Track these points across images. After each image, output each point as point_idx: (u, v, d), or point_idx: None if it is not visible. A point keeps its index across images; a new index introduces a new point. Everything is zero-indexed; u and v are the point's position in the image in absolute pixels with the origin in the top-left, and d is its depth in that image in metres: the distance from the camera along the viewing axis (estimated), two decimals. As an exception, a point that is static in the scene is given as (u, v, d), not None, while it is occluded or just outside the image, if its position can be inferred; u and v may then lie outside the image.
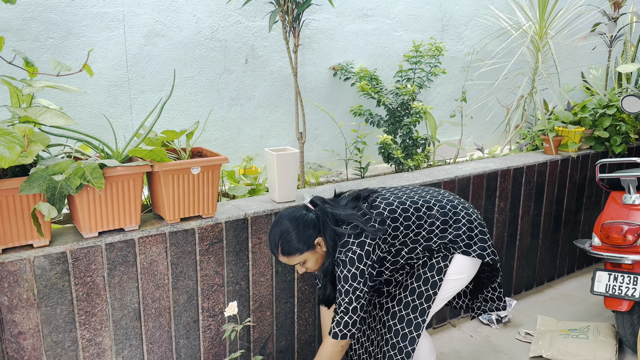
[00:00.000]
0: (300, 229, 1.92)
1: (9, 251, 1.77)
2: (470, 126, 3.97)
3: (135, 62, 2.68)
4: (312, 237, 1.93)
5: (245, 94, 3.07)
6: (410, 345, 2.02)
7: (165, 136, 2.17)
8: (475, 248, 2.05)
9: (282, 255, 1.95)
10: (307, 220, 1.94)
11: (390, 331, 2.07)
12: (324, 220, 1.95)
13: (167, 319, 2.10)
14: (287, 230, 1.92)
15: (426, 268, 2.07)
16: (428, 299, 2.04)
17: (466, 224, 2.07)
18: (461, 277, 2.08)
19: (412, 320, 2.03)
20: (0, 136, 1.62)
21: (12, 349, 1.80)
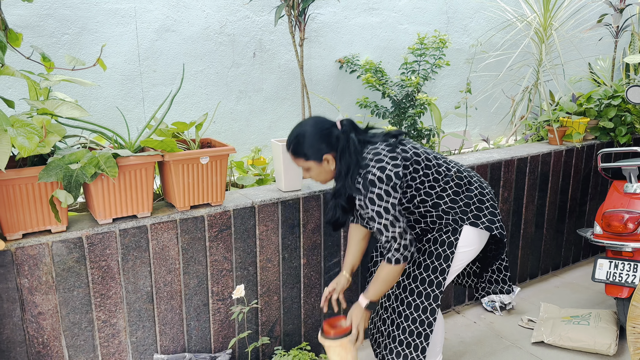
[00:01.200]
0: (315, 138, 1.96)
1: (28, 236, 1.88)
2: (475, 117, 4.01)
3: (147, 56, 2.77)
4: (322, 151, 1.97)
5: (253, 87, 3.15)
6: (431, 315, 2.05)
7: (176, 127, 2.26)
8: (484, 220, 2.07)
9: (290, 153, 2.03)
10: (327, 135, 1.98)
11: (409, 307, 2.09)
12: (345, 145, 1.97)
13: (179, 302, 2.20)
14: (303, 134, 1.97)
15: (437, 244, 2.09)
16: (443, 272, 2.06)
17: (478, 195, 2.09)
18: (469, 249, 2.10)
19: (430, 294, 2.06)
20: (20, 127, 1.72)
21: (33, 328, 1.91)
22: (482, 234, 2.11)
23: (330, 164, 1.99)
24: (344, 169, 1.96)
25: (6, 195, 1.79)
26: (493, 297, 3.13)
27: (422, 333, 2.07)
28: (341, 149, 1.97)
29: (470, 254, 2.13)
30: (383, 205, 1.89)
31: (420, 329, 2.07)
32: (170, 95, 2.13)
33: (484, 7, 3.96)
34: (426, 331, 2.06)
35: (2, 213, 1.80)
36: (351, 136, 1.98)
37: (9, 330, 1.86)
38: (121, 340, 2.09)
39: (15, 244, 1.83)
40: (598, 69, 4.38)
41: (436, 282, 2.07)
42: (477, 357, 2.68)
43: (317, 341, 2.62)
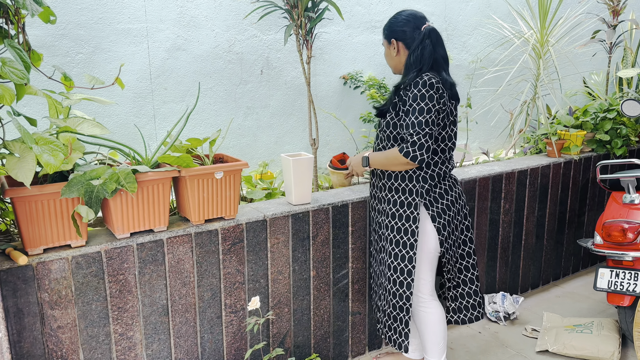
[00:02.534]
0: (399, 23, 2.20)
1: (49, 251, 1.92)
2: (475, 131, 4.10)
3: (159, 74, 2.84)
4: (393, 35, 2.22)
5: (261, 103, 3.22)
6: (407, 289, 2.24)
7: (190, 144, 2.32)
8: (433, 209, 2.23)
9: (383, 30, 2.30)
10: (407, 25, 2.19)
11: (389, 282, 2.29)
12: (418, 45, 2.16)
13: (193, 315, 2.24)
14: (397, 16, 2.23)
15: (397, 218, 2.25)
16: (412, 247, 2.21)
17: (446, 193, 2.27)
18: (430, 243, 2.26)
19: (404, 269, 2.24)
20: (44, 144, 1.77)
21: (52, 342, 1.95)
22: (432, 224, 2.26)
23: (396, 49, 2.23)
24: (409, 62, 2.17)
25: (29, 211, 1.83)
26: (497, 307, 3.18)
27: (403, 307, 2.26)
28: (415, 46, 2.16)
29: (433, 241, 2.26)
30: (424, 107, 2.07)
31: (401, 302, 2.26)
32: (186, 113, 2.20)
33: (482, 25, 4.07)
34: (406, 305, 2.25)
35: (24, 228, 1.85)
36: (427, 43, 2.16)
37: (28, 344, 1.90)
38: (137, 353, 2.13)
39: (37, 259, 1.87)
40: (592, 83, 4.49)
41: (407, 257, 2.23)
42: (484, 366, 2.73)
43: (326, 353, 2.67)
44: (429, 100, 2.07)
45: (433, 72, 2.13)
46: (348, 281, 2.66)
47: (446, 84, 2.15)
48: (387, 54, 2.30)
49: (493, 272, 3.31)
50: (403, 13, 2.23)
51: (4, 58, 1.67)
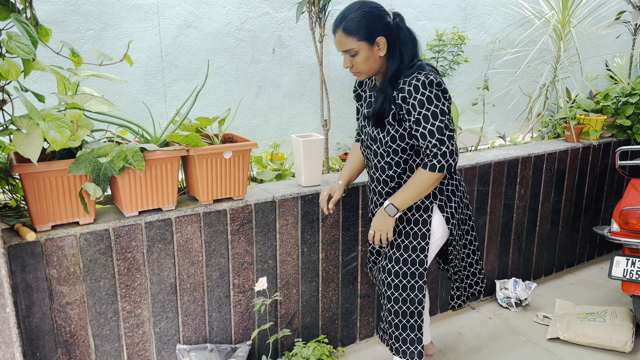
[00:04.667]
0: (372, 17, 1.86)
1: (57, 228, 1.92)
2: (492, 114, 4.02)
3: (169, 52, 2.81)
4: (376, 33, 1.87)
5: (272, 83, 3.18)
6: (420, 292, 2.09)
7: (199, 123, 2.30)
8: (447, 210, 2.09)
9: (341, 32, 1.89)
10: (382, 17, 1.88)
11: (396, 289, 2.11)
12: (398, 32, 1.90)
13: (201, 294, 2.24)
14: (359, 10, 1.87)
15: (412, 223, 2.09)
16: (422, 250, 2.08)
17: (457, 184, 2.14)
18: (438, 235, 2.12)
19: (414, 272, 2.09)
20: (51, 121, 1.76)
21: (61, 317, 1.96)
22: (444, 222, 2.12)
23: (381, 49, 1.90)
24: (398, 53, 1.89)
25: (37, 187, 1.83)
26: (508, 293, 3.15)
27: (414, 312, 2.12)
28: (396, 34, 1.89)
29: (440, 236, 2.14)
30: (441, 107, 1.86)
31: (412, 308, 2.12)
32: (195, 92, 2.17)
33: (501, 4, 3.95)
34: (417, 309, 2.12)
35: (32, 205, 1.85)
36: (406, 26, 1.93)
37: (38, 319, 1.91)
38: (145, 331, 2.14)
39: (45, 235, 1.88)
40: (615, 66, 4.36)
41: (418, 260, 2.09)
42: (493, 352, 2.70)
43: (334, 334, 2.66)
44: (438, 102, 1.85)
45: (422, 67, 1.91)
46: (357, 264, 2.64)
47: None
48: (365, 58, 1.91)
49: (506, 258, 3.26)
50: (368, 3, 1.91)
51: (11, 32, 1.65)
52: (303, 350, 2.25)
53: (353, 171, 2.33)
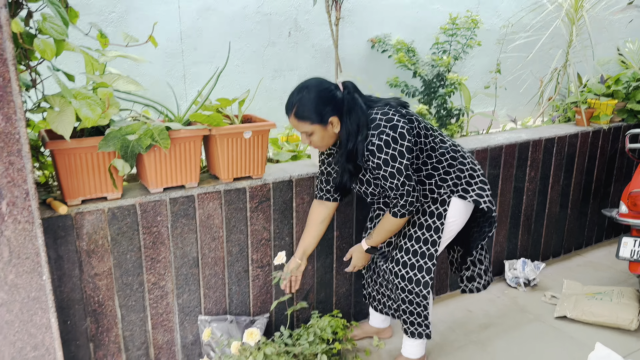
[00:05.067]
0: (321, 100, 1.94)
1: (87, 202, 2.01)
2: (503, 98, 4.06)
3: (189, 35, 2.87)
4: (328, 114, 1.95)
5: (288, 66, 3.24)
6: (424, 288, 2.18)
7: (219, 103, 2.37)
8: (472, 194, 2.14)
9: (293, 117, 1.99)
10: (331, 97, 1.95)
11: (402, 279, 2.20)
12: (352, 105, 1.96)
13: (222, 268, 2.33)
14: (307, 97, 1.94)
15: (427, 215, 2.17)
16: (434, 244, 2.16)
17: (469, 170, 2.17)
18: (457, 220, 2.18)
19: (422, 266, 2.17)
20: (82, 99, 1.84)
21: (90, 288, 2.06)
22: (468, 206, 2.19)
23: (335, 127, 1.99)
24: (354, 128, 1.96)
25: (68, 163, 1.92)
26: (517, 273, 3.22)
27: (420, 303, 2.22)
28: (347, 109, 1.96)
29: (457, 225, 2.22)
30: (396, 166, 1.94)
31: (418, 299, 2.21)
32: (216, 73, 2.24)
33: (514, -12, 3.97)
34: (423, 302, 2.21)
35: (64, 180, 1.93)
36: (356, 96, 1.99)
37: (68, 289, 2.01)
38: (169, 302, 2.24)
39: (75, 209, 1.97)
40: (627, 52, 4.37)
41: (428, 254, 2.17)
42: (502, 329, 2.78)
43: (347, 310, 2.75)
44: (399, 156, 1.93)
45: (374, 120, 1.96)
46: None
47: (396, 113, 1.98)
48: (320, 138, 2.01)
49: (515, 239, 3.33)
50: (317, 84, 1.99)
51: (45, 13, 1.72)
52: (319, 321, 2.34)
53: (311, 241, 2.32)
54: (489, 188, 2.22)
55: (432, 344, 2.64)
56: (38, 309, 1.74)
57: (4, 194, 1.60)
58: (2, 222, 1.62)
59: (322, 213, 2.30)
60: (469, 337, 2.71)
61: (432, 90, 3.23)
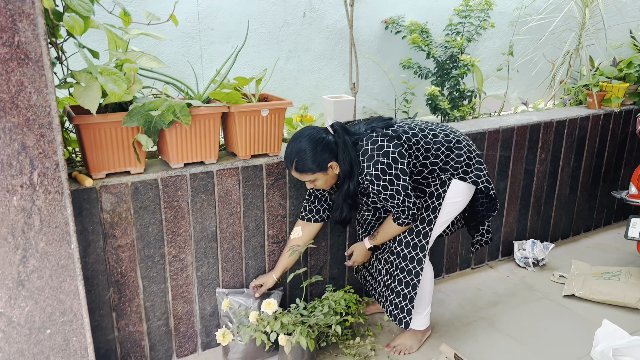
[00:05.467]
0: (317, 151, 2.05)
1: (111, 176, 2.08)
2: (515, 80, 4.08)
3: (206, 15, 2.91)
4: (326, 161, 2.07)
5: (303, 47, 3.27)
6: (418, 265, 2.25)
7: (237, 82, 2.42)
8: (471, 175, 2.23)
9: (294, 171, 2.11)
10: (325, 144, 2.07)
11: (398, 256, 2.28)
12: (343, 147, 2.08)
13: (239, 242, 2.40)
14: (304, 150, 2.06)
15: (426, 196, 2.27)
16: (430, 223, 2.25)
17: (467, 152, 2.24)
18: (458, 199, 2.26)
19: (417, 244, 2.25)
20: (108, 75, 1.90)
21: (113, 259, 2.14)
22: (469, 188, 2.27)
23: (335, 169, 2.12)
24: (348, 168, 2.09)
25: (93, 137, 1.98)
26: (526, 253, 3.27)
27: (409, 283, 2.28)
28: (342, 150, 2.08)
29: (458, 205, 2.29)
30: (395, 188, 2.07)
31: (408, 278, 2.27)
32: (235, 52, 2.28)
33: (528, -30, 3.96)
34: (413, 281, 2.27)
35: (89, 154, 2.00)
36: (346, 138, 2.10)
37: (93, 260, 2.09)
38: (188, 274, 2.31)
39: (100, 183, 2.03)
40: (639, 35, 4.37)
41: (423, 232, 2.25)
42: (510, 307, 2.84)
43: (360, 285, 2.82)
44: (396, 179, 2.05)
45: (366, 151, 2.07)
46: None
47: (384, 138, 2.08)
48: (324, 182, 2.15)
49: (524, 220, 3.38)
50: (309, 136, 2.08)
51: (72, -9, 1.77)
52: (333, 295, 2.42)
53: (290, 264, 2.41)
54: (486, 167, 2.30)
55: (442, 319, 2.71)
56: (67, 277, 1.82)
57: (35, 165, 1.67)
58: (33, 192, 1.69)
59: (305, 237, 2.39)
60: (478, 313, 2.78)
61: (445, 72, 3.26)
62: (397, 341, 2.47)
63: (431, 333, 2.58)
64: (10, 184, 1.65)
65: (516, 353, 2.45)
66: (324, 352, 2.44)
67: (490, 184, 2.28)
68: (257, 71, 3.14)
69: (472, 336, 2.57)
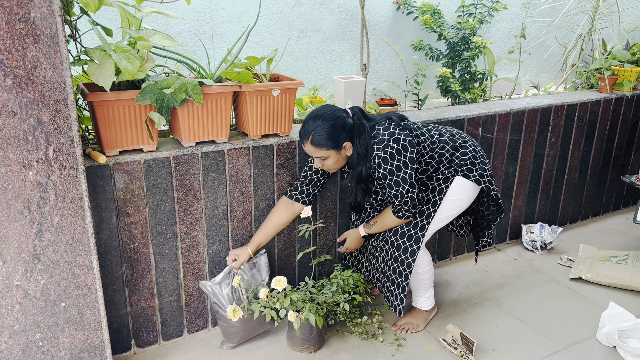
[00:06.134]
0: (336, 128, 2.09)
1: (123, 153, 2.10)
2: (527, 64, 4.05)
3: (217, -6, 2.91)
4: (342, 140, 2.11)
5: (313, 27, 3.26)
6: (410, 256, 2.28)
7: (248, 62, 2.42)
8: (475, 174, 2.27)
9: (309, 144, 2.11)
10: (343, 124, 2.11)
11: (392, 245, 2.33)
12: (360, 130, 2.13)
13: (249, 221, 2.43)
14: (324, 125, 2.09)
15: (428, 190, 2.31)
16: (428, 216, 2.28)
17: (472, 152, 2.29)
18: (460, 197, 2.30)
19: (412, 235, 2.29)
20: (121, 52, 1.91)
21: (126, 235, 2.17)
22: (473, 186, 2.30)
23: (348, 150, 2.15)
24: (363, 151, 2.13)
25: (107, 115, 2.00)
26: (534, 237, 3.28)
27: (402, 272, 2.31)
28: (357, 134, 2.13)
29: (461, 203, 2.33)
30: (401, 175, 2.10)
31: (401, 267, 2.31)
32: (247, 31, 2.28)
33: (542, -48, 3.91)
34: (406, 271, 2.30)
35: (102, 131, 2.02)
36: (364, 122, 2.15)
37: (106, 236, 2.12)
38: (200, 252, 2.34)
39: (113, 160, 2.06)
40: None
41: (420, 225, 2.29)
42: (517, 288, 2.86)
43: (368, 266, 2.84)
44: (403, 167, 2.09)
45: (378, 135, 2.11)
46: (392, 201, 2.79)
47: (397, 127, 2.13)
48: (335, 161, 2.16)
49: (533, 204, 3.38)
50: (330, 113, 2.11)
51: (87, -32, 1.78)
52: (342, 273, 2.44)
53: (267, 237, 2.37)
54: (490, 170, 2.34)
55: (449, 300, 2.74)
56: (81, 251, 1.85)
57: (51, 141, 1.69)
58: (49, 168, 1.71)
59: (287, 216, 2.37)
60: (485, 294, 2.80)
61: (456, 54, 3.24)
62: (403, 320, 2.51)
63: (437, 313, 2.61)
64: (26, 158, 1.67)
65: (522, 334, 2.47)
66: (332, 330, 2.47)
67: (493, 185, 2.32)
68: (268, 51, 3.14)
69: (478, 317, 2.60)
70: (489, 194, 2.41)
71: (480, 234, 2.58)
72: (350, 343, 2.40)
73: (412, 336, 2.46)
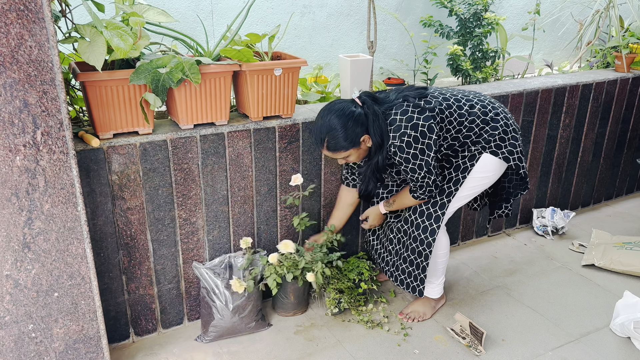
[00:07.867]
0: (348, 127, 1.97)
1: (118, 136, 2.00)
2: (540, 42, 3.90)
3: (217, -33, 2.77)
4: (359, 136, 2.00)
5: (318, 2, 3.12)
6: (430, 236, 2.19)
7: (249, 39, 2.30)
8: (504, 150, 2.12)
9: (326, 150, 2.04)
10: (356, 118, 1.98)
11: (412, 225, 2.23)
12: (373, 118, 2.00)
13: (250, 207, 2.34)
14: (334, 127, 1.98)
15: (452, 168, 2.17)
16: (449, 194, 2.17)
17: (503, 125, 2.13)
18: (486, 175, 2.17)
19: (432, 214, 2.19)
20: (113, 29, 1.80)
21: (122, 222, 2.08)
22: (500, 164, 2.16)
23: (367, 142, 2.04)
24: (379, 139, 2.01)
25: (99, 95, 1.90)
26: (545, 221, 3.18)
27: (422, 252, 2.23)
28: (371, 120, 2.00)
29: (486, 181, 2.20)
30: (417, 162, 2.00)
31: (421, 247, 2.22)
32: (247, 6, 2.16)
33: None
34: (426, 251, 2.21)
35: (95, 113, 1.92)
36: (375, 108, 2.01)
37: (101, 222, 2.04)
38: (199, 238, 2.26)
39: (107, 143, 1.96)
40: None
41: (440, 203, 2.19)
42: (528, 275, 2.78)
43: (374, 252, 2.76)
44: (421, 154, 1.98)
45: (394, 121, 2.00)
46: (399, 185, 2.69)
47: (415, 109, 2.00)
48: (357, 157, 2.09)
49: (544, 187, 3.27)
50: (338, 111, 1.99)
51: (74, -63, 1.66)
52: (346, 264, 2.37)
53: (341, 221, 2.45)
54: (521, 144, 2.19)
55: (457, 287, 2.66)
56: (74, 239, 1.77)
57: (38, 124, 1.59)
58: (37, 152, 1.62)
59: (352, 196, 2.41)
60: (494, 281, 2.72)
61: (467, 30, 3.10)
62: (410, 308, 2.43)
63: (445, 301, 2.53)
64: (12, 143, 1.58)
65: (533, 323, 2.39)
66: (336, 318, 2.40)
67: (522, 162, 2.17)
68: (269, 27, 3.00)
69: (487, 305, 2.52)
70: (518, 172, 2.25)
71: (497, 205, 2.45)
72: (355, 332, 2.32)
73: (419, 325, 2.38)
